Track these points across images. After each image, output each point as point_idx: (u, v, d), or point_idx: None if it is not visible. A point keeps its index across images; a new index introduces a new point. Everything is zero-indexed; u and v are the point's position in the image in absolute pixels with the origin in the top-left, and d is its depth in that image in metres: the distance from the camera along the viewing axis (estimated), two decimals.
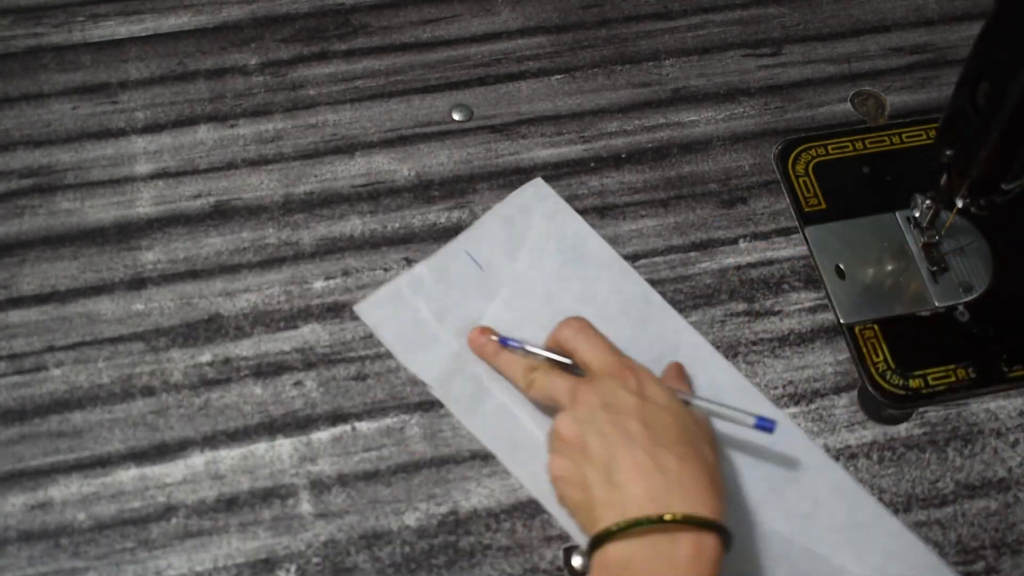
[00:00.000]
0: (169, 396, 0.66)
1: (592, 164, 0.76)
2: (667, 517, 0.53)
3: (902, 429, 0.67)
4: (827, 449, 0.66)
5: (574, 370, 0.63)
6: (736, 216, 0.74)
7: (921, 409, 0.67)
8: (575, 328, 0.63)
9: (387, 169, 0.75)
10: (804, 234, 0.73)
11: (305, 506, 0.63)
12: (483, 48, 0.80)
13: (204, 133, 0.75)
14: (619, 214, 0.74)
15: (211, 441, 0.64)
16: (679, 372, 0.66)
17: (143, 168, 0.74)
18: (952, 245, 0.72)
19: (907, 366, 0.68)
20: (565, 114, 0.78)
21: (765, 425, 0.60)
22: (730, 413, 0.61)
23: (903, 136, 0.77)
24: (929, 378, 0.68)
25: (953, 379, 0.68)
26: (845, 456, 0.65)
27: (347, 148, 0.75)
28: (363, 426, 0.65)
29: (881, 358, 0.68)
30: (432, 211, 0.73)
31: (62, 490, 0.62)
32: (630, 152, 0.76)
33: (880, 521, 0.63)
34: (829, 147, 0.76)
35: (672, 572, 0.53)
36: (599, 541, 0.54)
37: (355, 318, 0.69)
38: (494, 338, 0.66)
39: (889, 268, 0.72)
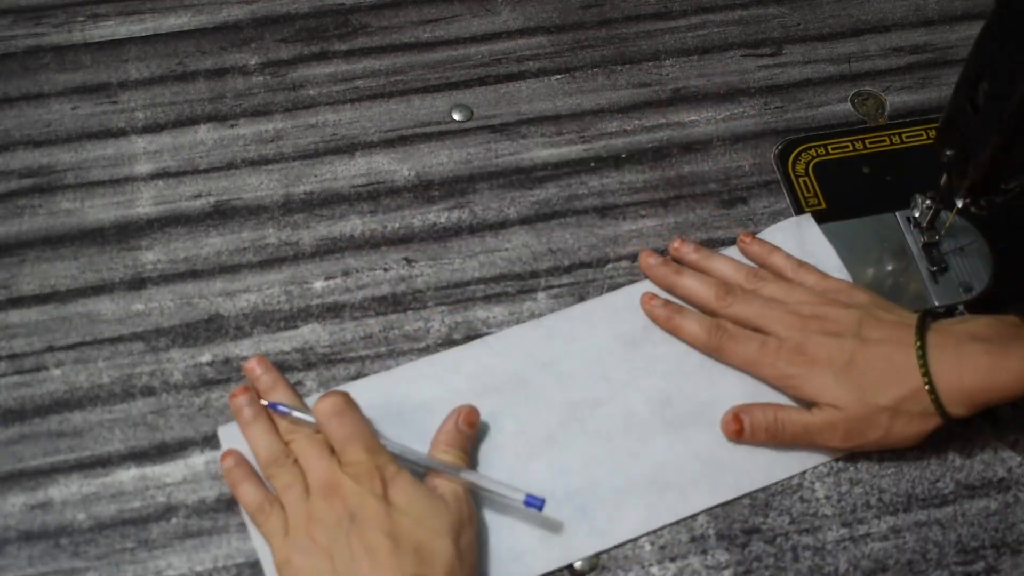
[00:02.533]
0: (169, 396, 0.66)
1: (592, 164, 0.76)
2: None
3: None
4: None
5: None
6: (736, 216, 0.74)
7: None
8: (330, 410, 0.60)
9: (387, 169, 0.75)
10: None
11: None
12: (483, 48, 0.80)
13: (204, 133, 0.75)
14: (619, 214, 0.74)
15: (211, 441, 0.64)
16: (454, 427, 0.63)
17: (143, 168, 0.74)
18: (952, 245, 0.72)
19: None
20: (565, 114, 0.78)
21: (533, 503, 0.60)
22: (498, 488, 0.60)
23: (903, 136, 0.77)
24: None
25: None
26: (845, 456, 0.65)
27: (347, 148, 0.75)
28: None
29: None
30: (432, 211, 0.73)
31: (62, 490, 0.62)
32: (630, 152, 0.76)
33: None
34: (829, 147, 0.76)
35: None
36: None
37: (355, 318, 0.69)
38: (263, 402, 0.63)
39: (889, 268, 0.72)
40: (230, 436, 0.64)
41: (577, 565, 0.61)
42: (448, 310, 0.69)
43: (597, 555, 0.62)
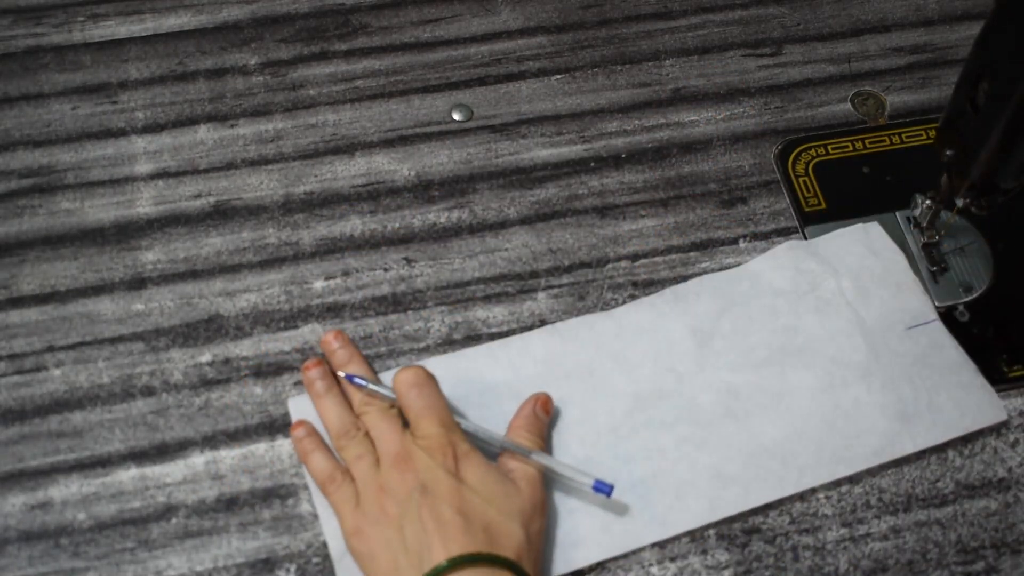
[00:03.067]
0: (169, 396, 0.66)
1: (592, 164, 0.76)
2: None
3: None
4: None
5: None
6: (736, 216, 0.74)
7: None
8: (410, 381, 0.60)
9: (387, 169, 0.75)
10: (804, 234, 0.73)
11: (305, 506, 0.63)
12: (483, 48, 0.80)
13: (204, 133, 0.75)
14: (619, 214, 0.74)
15: (211, 441, 0.64)
16: (532, 413, 0.63)
17: (143, 168, 0.74)
18: (952, 245, 0.72)
19: None
20: (565, 114, 0.78)
21: (602, 489, 0.60)
22: (568, 472, 0.61)
23: (903, 136, 0.77)
24: None
25: None
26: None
27: (347, 148, 0.75)
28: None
29: None
30: (432, 211, 0.73)
31: (62, 490, 0.62)
32: (630, 152, 0.76)
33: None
34: (829, 147, 0.76)
35: None
36: None
37: (355, 318, 0.69)
38: (341, 373, 0.64)
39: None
40: (300, 408, 0.64)
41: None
42: (448, 310, 0.69)
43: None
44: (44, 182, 0.73)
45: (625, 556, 0.62)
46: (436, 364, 0.66)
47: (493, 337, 0.68)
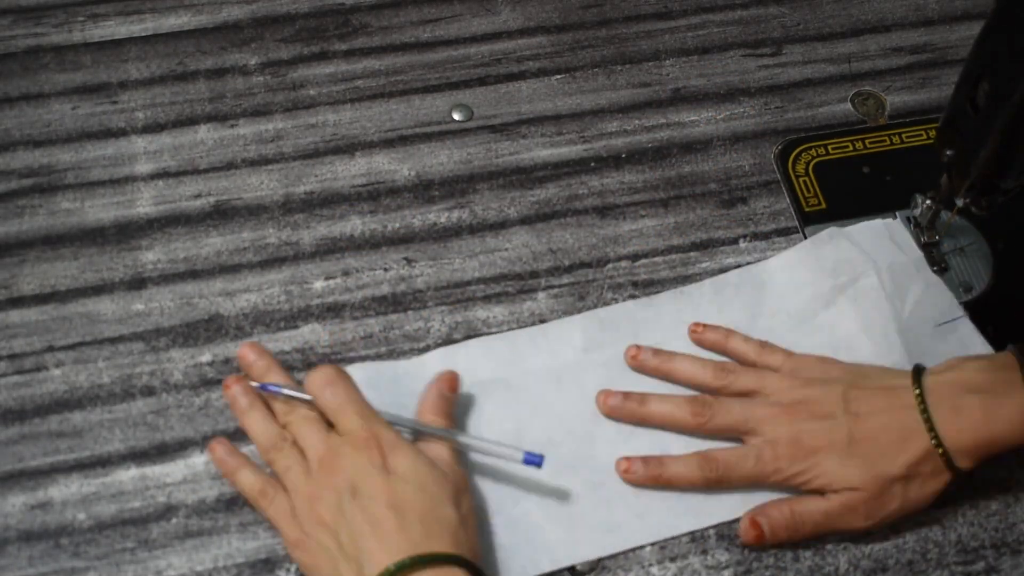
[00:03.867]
0: (169, 396, 0.66)
1: (592, 164, 0.76)
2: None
3: None
4: None
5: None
6: (736, 216, 0.74)
7: None
8: (322, 381, 0.60)
9: (387, 169, 0.75)
10: (804, 234, 0.73)
11: None
12: (483, 48, 0.80)
13: (204, 133, 0.75)
14: (619, 214, 0.74)
15: (211, 441, 0.64)
16: (439, 394, 0.63)
17: (143, 168, 0.74)
18: (952, 245, 0.72)
19: None
20: (565, 114, 0.78)
21: (532, 460, 0.60)
22: (495, 449, 0.61)
23: (903, 136, 0.77)
24: None
25: None
26: None
27: (347, 148, 0.75)
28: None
29: None
30: (432, 211, 0.73)
31: (62, 490, 0.62)
32: (630, 152, 0.76)
33: None
34: (829, 147, 0.76)
35: None
36: None
37: (355, 318, 0.69)
38: (253, 384, 0.62)
39: None
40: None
41: (577, 565, 0.61)
42: (448, 310, 0.69)
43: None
44: (44, 182, 0.73)
45: (625, 556, 0.62)
46: (477, 346, 0.66)
47: None
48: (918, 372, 0.62)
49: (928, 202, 0.70)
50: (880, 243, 0.71)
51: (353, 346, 0.68)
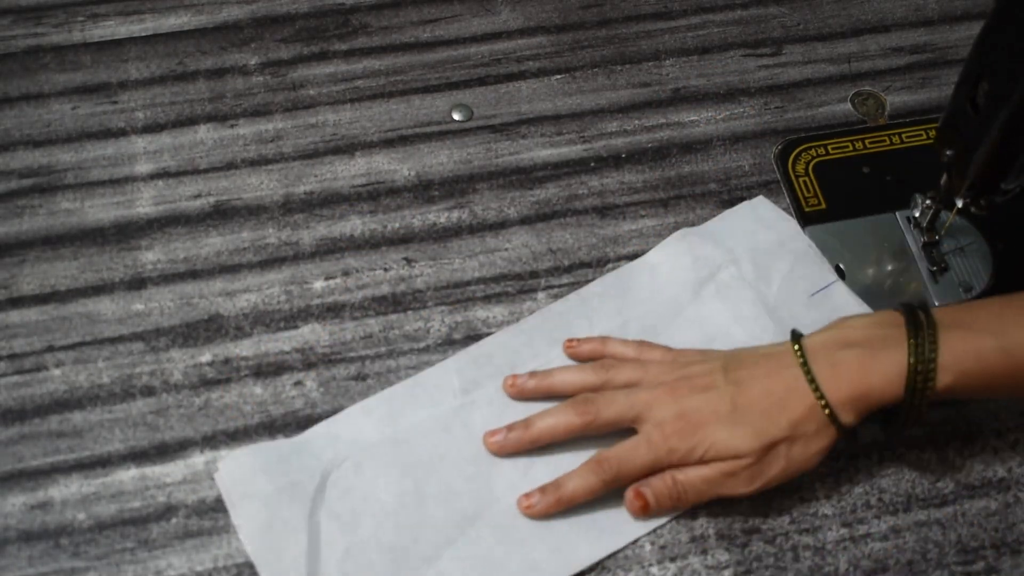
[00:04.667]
0: (169, 396, 0.66)
1: (592, 164, 0.76)
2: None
3: None
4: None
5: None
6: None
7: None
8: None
9: (387, 169, 0.75)
10: (804, 234, 0.73)
11: None
12: (483, 48, 0.80)
13: (204, 133, 0.75)
14: (619, 214, 0.74)
15: (211, 441, 0.64)
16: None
17: (143, 168, 0.74)
18: (952, 245, 0.72)
19: None
20: (565, 114, 0.78)
21: None
22: None
23: (903, 136, 0.77)
24: None
25: None
26: (845, 456, 0.65)
27: (347, 148, 0.75)
28: None
29: None
30: (432, 211, 0.73)
31: (62, 490, 0.62)
32: (630, 152, 0.76)
33: None
34: (829, 147, 0.76)
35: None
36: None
37: (355, 318, 0.69)
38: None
39: (889, 268, 0.72)
40: (231, 472, 0.62)
41: None
42: (448, 310, 0.69)
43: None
44: (44, 182, 0.73)
45: (625, 556, 0.62)
46: (357, 412, 0.65)
47: None
48: (796, 335, 0.62)
49: (928, 202, 0.70)
50: (742, 226, 0.71)
51: (353, 346, 0.68)
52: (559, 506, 0.62)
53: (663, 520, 0.62)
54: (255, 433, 0.64)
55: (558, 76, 0.79)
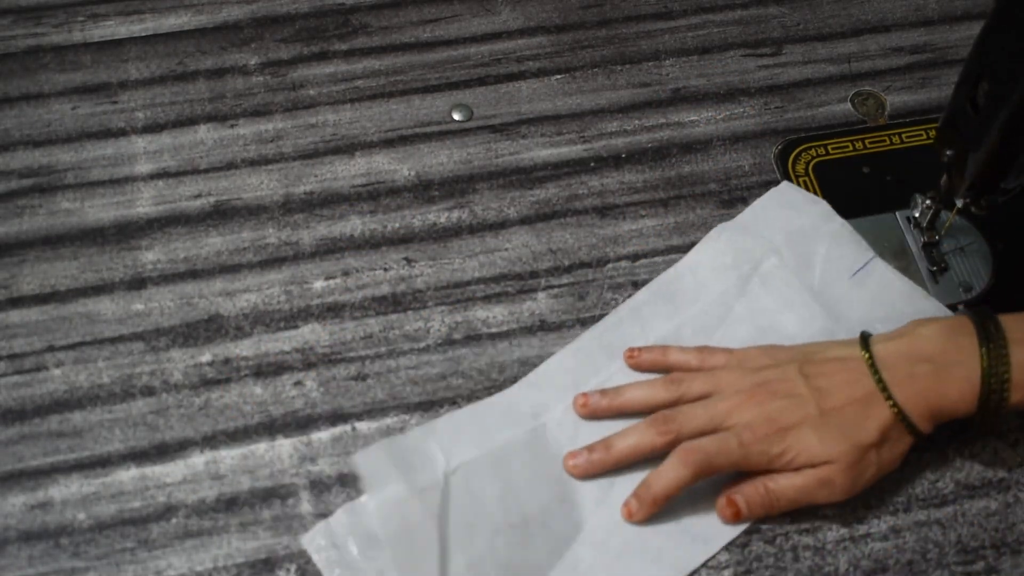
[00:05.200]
0: (169, 396, 0.66)
1: (592, 164, 0.76)
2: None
3: None
4: None
5: None
6: (736, 216, 0.74)
7: None
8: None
9: (387, 169, 0.75)
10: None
11: (305, 506, 0.63)
12: (483, 48, 0.80)
13: (204, 133, 0.75)
14: (619, 214, 0.74)
15: (211, 441, 0.64)
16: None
17: (143, 168, 0.74)
18: (952, 245, 0.72)
19: None
20: (565, 114, 0.78)
21: None
22: None
23: (903, 136, 0.77)
24: None
25: None
26: None
27: (347, 148, 0.75)
28: (363, 426, 0.65)
29: None
30: (432, 211, 0.73)
31: (62, 490, 0.62)
32: (630, 152, 0.76)
33: None
34: (829, 147, 0.76)
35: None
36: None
37: (355, 318, 0.69)
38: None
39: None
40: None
41: None
42: (448, 310, 0.69)
43: None
44: (44, 182, 0.73)
45: None
46: (447, 424, 0.64)
47: (493, 337, 0.68)
48: (864, 339, 0.62)
49: (928, 202, 0.70)
50: (774, 216, 0.71)
51: (353, 346, 0.68)
52: (659, 505, 0.61)
53: (750, 523, 0.62)
54: (255, 433, 0.65)
55: (558, 76, 0.79)
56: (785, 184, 0.73)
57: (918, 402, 0.60)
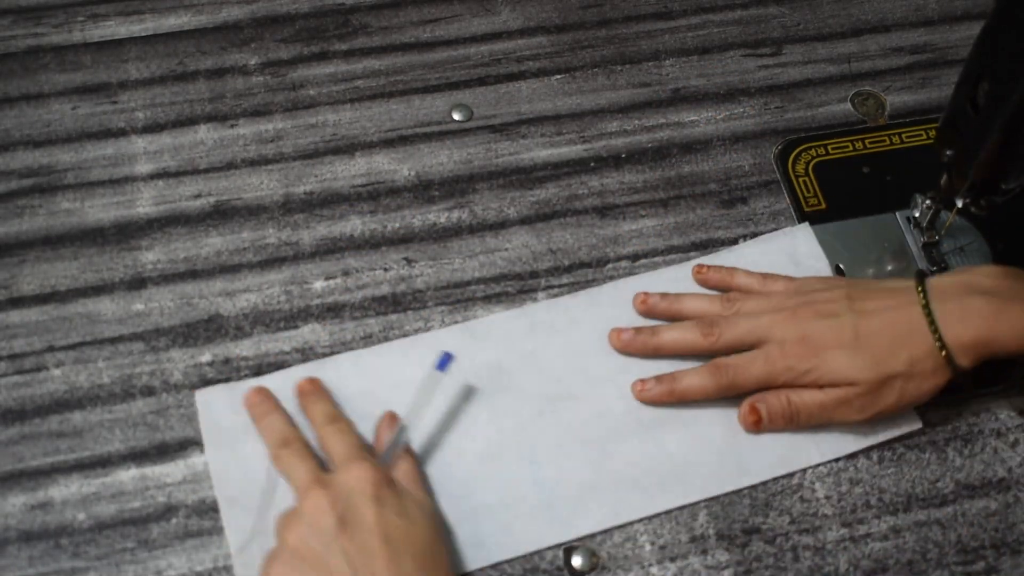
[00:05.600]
0: (169, 396, 0.66)
1: (592, 164, 0.76)
2: None
3: None
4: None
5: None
6: (736, 216, 0.74)
7: (921, 410, 0.67)
8: (307, 393, 0.64)
9: (387, 169, 0.75)
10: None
11: None
12: (483, 48, 0.80)
13: (204, 133, 0.75)
14: (619, 214, 0.74)
15: (203, 444, 0.64)
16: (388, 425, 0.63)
17: (143, 168, 0.74)
18: (952, 245, 0.72)
19: None
20: (565, 114, 0.78)
21: (443, 363, 0.62)
22: (422, 387, 0.62)
23: (903, 136, 0.77)
24: None
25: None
26: (844, 456, 0.65)
27: (347, 148, 0.75)
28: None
29: None
30: (432, 211, 0.73)
31: (62, 490, 0.62)
32: (630, 152, 0.76)
33: None
34: (829, 147, 0.77)
35: None
36: None
37: (355, 318, 0.69)
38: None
39: (889, 268, 0.72)
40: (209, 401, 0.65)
41: (576, 564, 0.61)
42: (448, 310, 0.69)
43: (596, 555, 0.62)
44: (44, 182, 0.73)
45: (625, 556, 0.62)
46: (344, 360, 0.66)
47: None
48: (921, 274, 0.64)
49: (928, 202, 0.70)
50: (771, 259, 0.71)
51: (353, 346, 0.68)
52: (671, 397, 0.65)
53: (723, 490, 0.64)
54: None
55: (558, 76, 0.79)
56: (804, 230, 0.72)
57: (964, 333, 0.61)
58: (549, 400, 0.66)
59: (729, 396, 0.65)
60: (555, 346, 0.68)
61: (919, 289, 0.62)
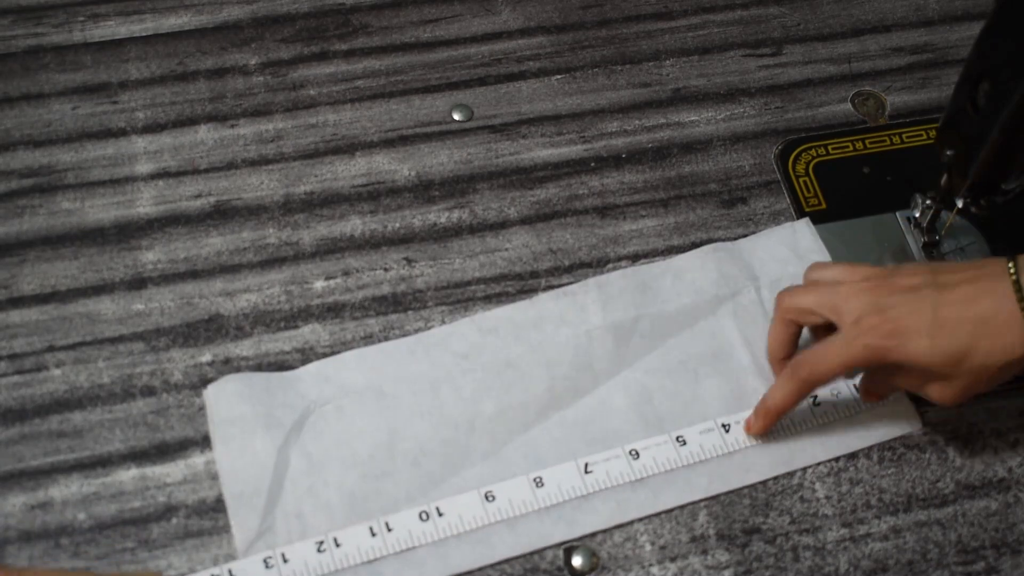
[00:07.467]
0: (169, 396, 0.66)
1: (592, 164, 0.76)
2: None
3: None
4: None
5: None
6: (736, 216, 0.74)
7: (921, 409, 0.67)
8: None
9: (387, 169, 0.75)
10: None
11: None
12: (483, 48, 0.80)
13: (204, 133, 0.75)
14: (619, 214, 0.74)
15: (211, 441, 0.64)
16: None
17: (143, 168, 0.74)
18: (952, 245, 0.72)
19: None
20: (565, 114, 0.78)
21: None
22: None
23: (903, 136, 0.77)
24: None
25: None
26: (845, 456, 0.65)
27: (347, 148, 0.75)
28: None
29: None
30: (432, 211, 0.73)
31: (62, 490, 0.62)
32: (630, 152, 0.76)
33: None
34: (829, 147, 0.77)
35: None
36: None
37: (355, 318, 0.69)
38: None
39: None
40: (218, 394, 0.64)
41: (577, 564, 0.61)
42: (448, 310, 0.69)
43: (596, 554, 0.62)
44: (44, 182, 0.73)
45: (625, 556, 0.62)
46: (351, 358, 0.66)
47: None
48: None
49: (928, 202, 0.70)
50: (773, 253, 0.71)
51: (353, 346, 0.68)
52: (773, 418, 0.64)
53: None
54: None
55: (558, 76, 0.79)
56: (805, 224, 0.72)
57: None
58: (554, 395, 0.65)
59: (814, 390, 0.63)
60: (562, 338, 0.67)
61: (1010, 265, 0.58)
